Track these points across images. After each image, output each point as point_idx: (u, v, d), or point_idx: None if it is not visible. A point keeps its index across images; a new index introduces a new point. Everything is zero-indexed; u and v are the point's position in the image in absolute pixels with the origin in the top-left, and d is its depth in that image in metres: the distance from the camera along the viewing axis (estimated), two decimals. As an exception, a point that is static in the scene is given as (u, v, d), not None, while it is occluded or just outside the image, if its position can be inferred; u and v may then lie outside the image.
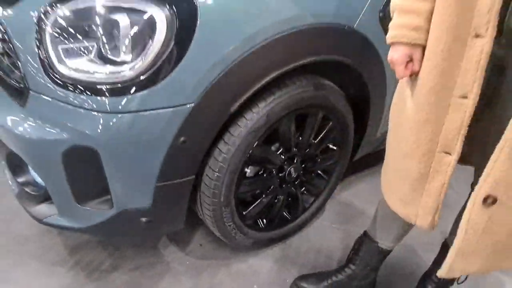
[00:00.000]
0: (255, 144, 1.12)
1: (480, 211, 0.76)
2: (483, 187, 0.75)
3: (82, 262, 1.34)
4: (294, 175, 1.31)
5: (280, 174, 1.28)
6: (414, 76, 0.81)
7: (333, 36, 1.13)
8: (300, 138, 1.26)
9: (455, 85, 0.74)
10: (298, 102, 1.14)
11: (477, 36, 0.70)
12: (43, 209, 1.15)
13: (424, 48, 0.78)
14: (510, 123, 0.69)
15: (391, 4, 0.81)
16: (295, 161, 1.29)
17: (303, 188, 1.41)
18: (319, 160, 1.40)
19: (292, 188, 1.36)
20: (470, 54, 0.71)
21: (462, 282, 1.18)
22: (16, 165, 1.19)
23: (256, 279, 1.32)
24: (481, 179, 0.75)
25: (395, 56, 0.79)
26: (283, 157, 1.25)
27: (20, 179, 1.19)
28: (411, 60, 0.79)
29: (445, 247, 1.14)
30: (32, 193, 1.17)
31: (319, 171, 1.45)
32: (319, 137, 1.32)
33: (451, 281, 1.17)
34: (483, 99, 0.75)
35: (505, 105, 0.76)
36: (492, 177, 0.73)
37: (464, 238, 0.79)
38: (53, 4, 0.93)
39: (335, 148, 1.41)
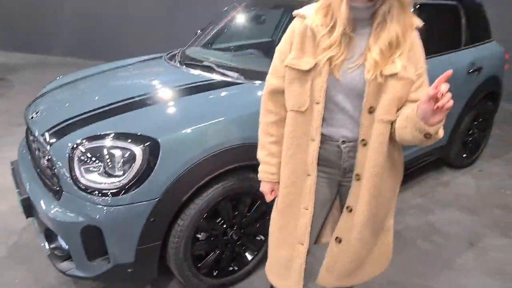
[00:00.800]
0: (202, 218, 1.75)
1: (334, 246, 1.33)
2: (335, 233, 1.33)
3: (90, 303, 1.92)
4: (235, 237, 1.92)
5: (225, 237, 1.89)
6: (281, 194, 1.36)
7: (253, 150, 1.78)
8: (236, 213, 1.88)
9: (301, 202, 1.29)
10: (230, 191, 1.78)
11: (308, 175, 1.28)
12: (66, 265, 1.76)
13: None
14: (343, 212, 1.29)
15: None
16: (234, 228, 1.91)
17: (244, 247, 2.00)
18: (256, 225, 2.00)
19: (236, 247, 1.96)
20: (305, 185, 1.28)
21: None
22: (49, 236, 1.83)
23: (210, 313, 1.88)
24: (336, 228, 1.33)
25: (263, 188, 1.37)
26: (225, 226, 1.87)
27: (52, 245, 1.82)
28: (273, 189, 1.38)
29: None
30: (59, 254, 1.80)
31: (258, 233, 2.05)
32: (252, 211, 1.94)
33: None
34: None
35: (343, 201, 1.34)
36: (338, 228, 1.32)
37: (328, 260, 1.35)
38: (80, 141, 1.63)
39: (267, 217, 2.02)
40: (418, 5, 2.48)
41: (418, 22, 1.15)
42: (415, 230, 2.47)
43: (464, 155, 3.29)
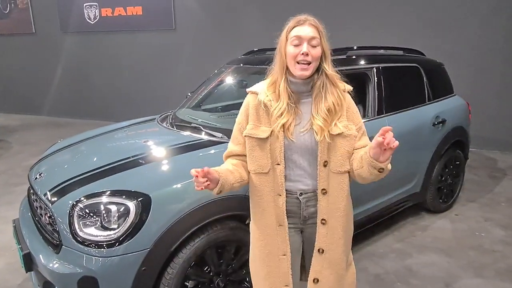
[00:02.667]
0: (190, 267, 1.90)
1: (317, 256, 1.48)
2: (311, 275, 1.48)
3: None
4: (222, 285, 2.05)
5: (211, 285, 2.03)
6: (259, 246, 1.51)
7: (235, 201, 1.98)
8: (221, 261, 2.04)
9: (278, 250, 1.47)
10: (215, 240, 1.95)
11: (280, 225, 1.47)
12: (62, 316, 1.87)
13: None
14: (314, 255, 1.47)
15: None
16: (220, 275, 2.05)
17: (230, 294, 2.13)
18: (242, 272, 2.14)
19: (222, 294, 2.08)
20: (279, 234, 1.46)
21: None
22: (48, 288, 1.95)
23: None
24: (311, 271, 1.48)
25: None
26: (211, 273, 2.01)
27: (49, 298, 1.94)
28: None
29: None
30: (56, 306, 1.91)
31: (244, 280, 2.18)
32: (236, 258, 2.09)
33: None
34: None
35: (310, 245, 1.52)
36: (313, 270, 1.48)
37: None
38: (79, 199, 1.83)
39: (252, 264, 2.17)
40: (383, 67, 2.83)
41: (349, 87, 1.45)
42: (394, 274, 2.61)
43: (440, 200, 3.49)
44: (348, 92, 1.45)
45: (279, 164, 1.40)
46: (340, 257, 1.48)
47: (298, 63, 1.34)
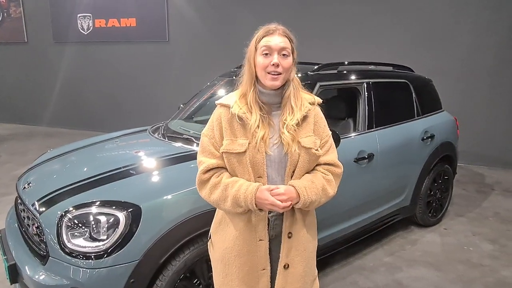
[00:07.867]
0: (179, 279, 1.88)
1: (282, 271, 1.42)
2: (282, 259, 1.43)
3: None
4: (211, 298, 2.03)
5: (201, 298, 2.01)
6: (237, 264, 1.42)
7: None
8: (211, 273, 2.02)
9: (258, 264, 1.41)
10: (205, 252, 1.93)
11: (260, 240, 1.40)
12: (47, 329, 1.83)
13: None
14: (279, 270, 1.43)
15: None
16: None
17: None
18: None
19: (212, 307, 2.06)
20: (260, 249, 1.42)
21: None
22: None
23: None
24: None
25: (265, 201, 1.32)
26: (201, 286, 2.00)
27: (35, 310, 1.90)
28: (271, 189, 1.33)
29: None
30: (41, 319, 1.87)
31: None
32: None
33: None
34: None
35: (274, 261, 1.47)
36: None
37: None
38: (67, 210, 1.81)
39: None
40: (373, 82, 2.89)
41: (318, 100, 1.45)
42: (384, 288, 2.61)
43: (430, 214, 3.52)
44: (318, 104, 1.44)
45: (260, 177, 1.36)
46: (305, 273, 1.45)
47: (268, 73, 1.32)
